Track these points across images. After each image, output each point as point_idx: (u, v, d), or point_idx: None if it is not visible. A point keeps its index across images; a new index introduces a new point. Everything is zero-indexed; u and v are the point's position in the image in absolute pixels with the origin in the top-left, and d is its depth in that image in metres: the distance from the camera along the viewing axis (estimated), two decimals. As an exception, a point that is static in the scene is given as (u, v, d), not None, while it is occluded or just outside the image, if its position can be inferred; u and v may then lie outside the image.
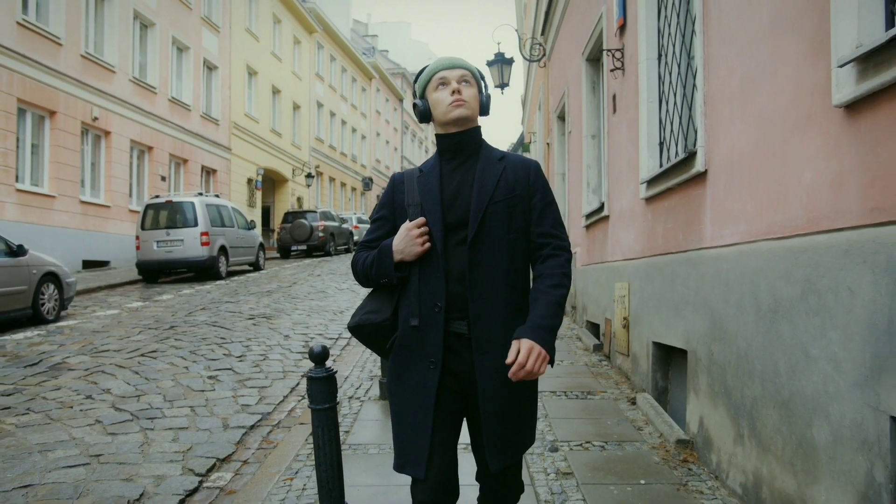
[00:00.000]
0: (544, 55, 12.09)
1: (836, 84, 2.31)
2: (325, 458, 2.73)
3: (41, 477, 3.61)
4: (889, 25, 2.17)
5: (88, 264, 15.88)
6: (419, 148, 53.04)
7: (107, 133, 16.70)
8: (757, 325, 2.97)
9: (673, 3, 4.60)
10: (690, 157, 3.89)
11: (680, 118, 4.41)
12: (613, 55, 5.87)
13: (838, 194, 2.35)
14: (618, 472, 3.52)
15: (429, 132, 55.50)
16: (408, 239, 1.90)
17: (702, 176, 3.77)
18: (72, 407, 4.90)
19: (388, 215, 2.04)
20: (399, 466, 1.96)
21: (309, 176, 28.85)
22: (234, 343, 7.22)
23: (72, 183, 15.30)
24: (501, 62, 11.82)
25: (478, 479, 2.08)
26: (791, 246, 2.68)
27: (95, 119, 16.04)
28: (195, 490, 3.55)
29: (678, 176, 4.14)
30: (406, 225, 1.92)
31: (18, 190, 13.70)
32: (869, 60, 2.13)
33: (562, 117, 10.46)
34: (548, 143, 12.38)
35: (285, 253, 22.15)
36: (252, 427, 4.59)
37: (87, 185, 16.21)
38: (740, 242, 3.22)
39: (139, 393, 5.28)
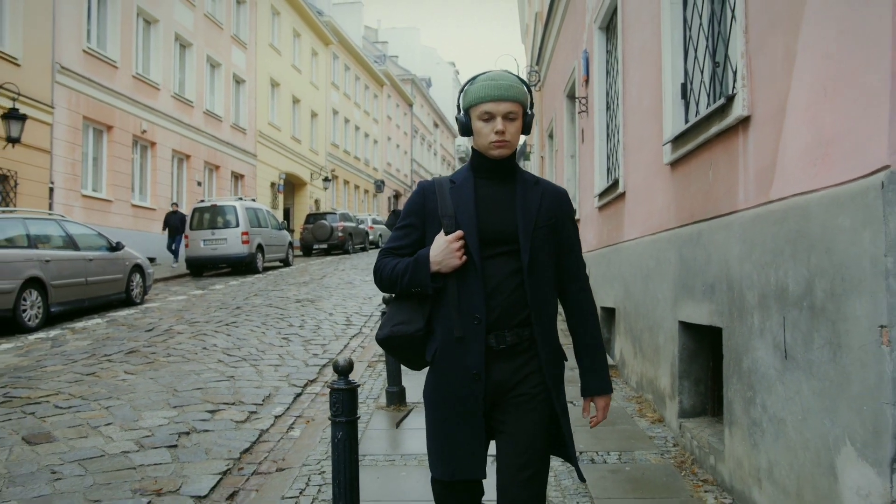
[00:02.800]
0: (539, 80, 14.17)
1: (665, 152, 4.37)
2: (390, 362, 4.82)
3: (204, 384, 5.72)
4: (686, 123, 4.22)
5: (139, 260, 18.05)
6: (428, 151, 55.16)
7: (153, 144, 18.87)
8: (641, 285, 5.04)
9: (612, 73, 6.66)
10: (616, 182, 5.96)
11: (616, 154, 6.48)
12: (580, 101, 7.93)
13: (669, 211, 4.41)
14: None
15: (438, 136, 57.59)
16: (447, 251, 1.92)
17: (623, 195, 5.83)
18: (196, 353, 7.01)
19: (416, 223, 2.04)
20: (450, 474, 1.96)
21: (326, 179, 30.99)
22: (292, 318, 9.32)
23: (125, 189, 17.48)
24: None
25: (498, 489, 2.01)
26: (653, 238, 4.74)
27: (144, 132, 18.22)
28: (300, 394, 5.63)
29: (612, 194, 6.20)
30: (445, 237, 1.93)
31: (83, 196, 15.91)
32: (675, 142, 4.18)
33: (551, 136, 12.54)
34: (542, 157, 14.47)
35: (307, 251, 24.32)
36: (324, 366, 6.67)
37: (136, 190, 18.40)
38: (637, 237, 5.28)
39: (238, 346, 7.39)
